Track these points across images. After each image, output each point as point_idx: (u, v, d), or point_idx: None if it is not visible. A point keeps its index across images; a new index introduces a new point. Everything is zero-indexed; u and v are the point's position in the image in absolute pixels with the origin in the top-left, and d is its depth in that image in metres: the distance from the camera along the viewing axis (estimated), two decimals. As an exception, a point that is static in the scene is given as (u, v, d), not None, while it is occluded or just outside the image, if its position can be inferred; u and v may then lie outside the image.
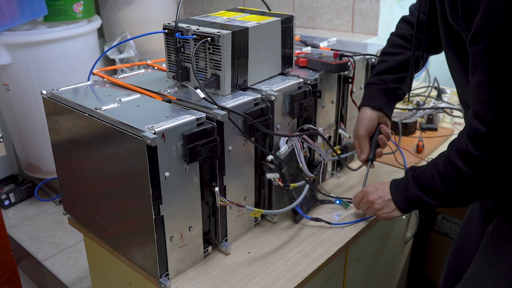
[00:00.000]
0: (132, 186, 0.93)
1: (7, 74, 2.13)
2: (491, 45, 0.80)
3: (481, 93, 0.85)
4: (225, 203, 0.98)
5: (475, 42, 0.83)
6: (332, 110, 1.30)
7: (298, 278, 1.01)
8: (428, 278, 1.98)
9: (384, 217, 1.11)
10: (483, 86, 0.84)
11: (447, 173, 0.95)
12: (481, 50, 0.82)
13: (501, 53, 0.80)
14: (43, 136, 2.23)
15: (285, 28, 1.14)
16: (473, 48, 0.84)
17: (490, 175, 0.91)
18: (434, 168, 0.98)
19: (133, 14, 2.61)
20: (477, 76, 0.85)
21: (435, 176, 0.97)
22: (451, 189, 0.95)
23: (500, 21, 0.78)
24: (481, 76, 0.84)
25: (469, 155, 0.89)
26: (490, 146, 0.87)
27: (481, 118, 0.85)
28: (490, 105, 0.84)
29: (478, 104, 0.86)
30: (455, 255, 1.28)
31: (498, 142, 0.85)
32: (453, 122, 1.78)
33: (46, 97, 1.09)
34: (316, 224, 1.18)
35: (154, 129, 0.86)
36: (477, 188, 0.94)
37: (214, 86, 1.04)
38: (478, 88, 0.85)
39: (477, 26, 0.81)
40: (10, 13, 2.00)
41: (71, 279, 1.90)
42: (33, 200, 2.45)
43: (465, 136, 0.90)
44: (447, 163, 0.94)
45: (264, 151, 1.09)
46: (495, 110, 0.83)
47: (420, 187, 1.01)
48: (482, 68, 0.83)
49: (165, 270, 0.98)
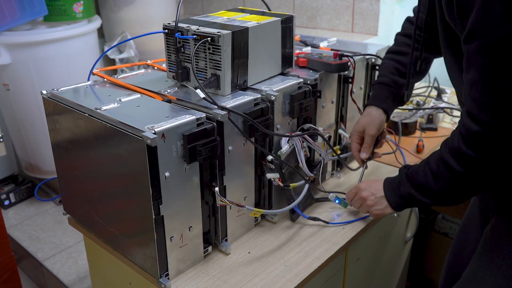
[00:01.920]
0: (132, 186, 0.93)
1: (7, 74, 2.13)
2: (485, 44, 0.80)
3: (474, 91, 0.85)
4: (225, 203, 0.98)
5: (469, 41, 0.83)
6: (332, 110, 1.30)
7: (298, 278, 1.01)
8: (428, 278, 1.98)
9: (376, 214, 1.12)
10: (476, 84, 0.84)
11: (439, 171, 0.95)
12: (475, 49, 0.82)
13: (495, 52, 0.80)
14: (43, 136, 2.23)
15: (285, 28, 1.14)
16: (467, 46, 0.84)
17: (482, 173, 0.91)
18: (426, 166, 0.98)
19: (133, 14, 2.61)
20: (470, 75, 0.85)
21: (427, 174, 0.97)
22: (444, 187, 0.96)
23: (494, 20, 0.78)
24: (474, 75, 0.84)
25: (461, 154, 0.89)
26: (482, 144, 0.87)
27: (473, 117, 0.86)
28: (483, 104, 0.84)
29: (471, 103, 0.86)
30: (455, 255, 1.28)
31: (491, 141, 0.86)
32: (453, 122, 1.78)
33: (46, 97, 1.09)
34: (316, 224, 1.18)
35: (154, 129, 0.86)
36: (469, 187, 0.95)
37: (214, 86, 1.04)
38: (471, 86, 0.85)
39: (471, 25, 0.81)
40: (10, 13, 2.00)
41: (71, 279, 1.90)
42: (33, 200, 2.45)
43: (457, 135, 0.90)
44: (440, 161, 0.95)
45: (264, 152, 1.09)
46: (488, 109, 0.83)
47: (413, 185, 1.01)
48: (476, 66, 0.83)
49: (165, 270, 0.98)
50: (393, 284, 1.63)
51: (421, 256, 1.96)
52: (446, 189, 0.96)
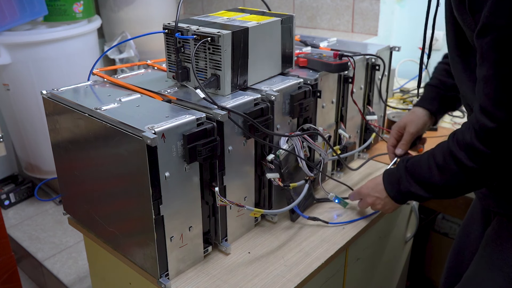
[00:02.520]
0: (132, 186, 0.93)
1: (7, 74, 2.13)
2: (499, 38, 0.79)
3: (488, 87, 0.83)
4: (225, 203, 0.98)
5: (483, 35, 0.81)
6: (332, 110, 1.30)
7: (298, 278, 1.01)
8: (428, 278, 1.98)
9: (389, 211, 1.14)
10: (490, 80, 0.82)
11: (446, 165, 0.94)
12: (489, 43, 0.80)
13: (509, 46, 0.78)
14: (43, 136, 2.23)
15: (285, 28, 1.14)
16: (481, 41, 0.82)
17: (493, 169, 0.90)
18: (431, 158, 0.97)
19: (133, 14, 2.61)
20: (484, 70, 0.83)
21: (432, 167, 0.97)
22: (448, 181, 0.95)
23: (509, 13, 0.76)
24: (488, 70, 0.82)
25: (474, 149, 0.88)
26: (496, 141, 0.85)
27: (488, 113, 0.84)
28: (497, 100, 0.82)
29: (485, 99, 0.84)
30: (455, 255, 1.28)
31: (505, 137, 0.84)
32: (453, 122, 1.78)
33: (46, 97, 1.09)
34: (316, 224, 1.18)
35: (154, 129, 0.86)
36: (477, 182, 0.94)
37: (214, 86, 1.04)
38: (485, 82, 0.84)
39: (485, 19, 0.79)
40: (10, 13, 2.00)
41: (71, 279, 1.90)
42: (33, 200, 2.45)
43: (470, 130, 0.89)
44: (448, 155, 0.93)
45: (269, 145, 1.09)
46: (503, 105, 0.82)
47: (414, 178, 1.01)
48: (490, 61, 0.82)
49: (165, 270, 0.98)
50: (393, 284, 1.63)
51: (421, 256, 1.96)
52: (450, 183, 0.95)
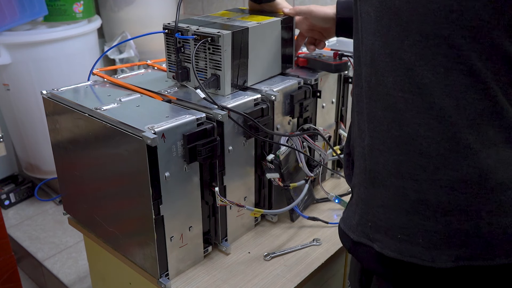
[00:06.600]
0: (132, 186, 0.93)
1: (7, 74, 2.12)
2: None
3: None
4: (225, 203, 0.98)
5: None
6: (332, 110, 1.30)
7: (298, 278, 1.01)
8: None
9: None
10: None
11: None
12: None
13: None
14: (43, 136, 2.23)
15: (285, 28, 1.14)
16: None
17: None
18: None
19: (133, 14, 2.61)
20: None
21: None
22: None
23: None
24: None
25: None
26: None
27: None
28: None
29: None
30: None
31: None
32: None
33: (46, 97, 1.09)
34: (316, 224, 1.18)
35: (154, 129, 0.86)
36: None
37: (214, 86, 1.04)
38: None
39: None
40: (10, 13, 2.01)
41: (71, 279, 1.90)
42: (33, 200, 2.45)
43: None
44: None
45: (269, 142, 1.09)
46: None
47: None
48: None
49: (165, 270, 0.98)
50: (393, 284, 1.63)
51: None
52: None
